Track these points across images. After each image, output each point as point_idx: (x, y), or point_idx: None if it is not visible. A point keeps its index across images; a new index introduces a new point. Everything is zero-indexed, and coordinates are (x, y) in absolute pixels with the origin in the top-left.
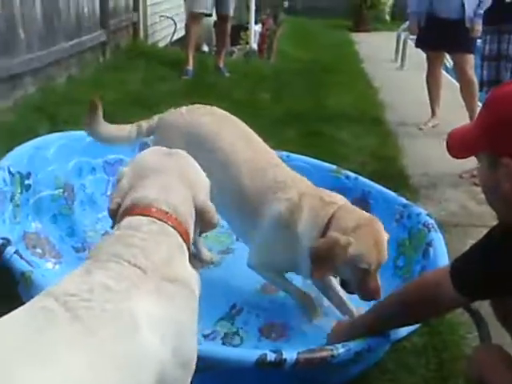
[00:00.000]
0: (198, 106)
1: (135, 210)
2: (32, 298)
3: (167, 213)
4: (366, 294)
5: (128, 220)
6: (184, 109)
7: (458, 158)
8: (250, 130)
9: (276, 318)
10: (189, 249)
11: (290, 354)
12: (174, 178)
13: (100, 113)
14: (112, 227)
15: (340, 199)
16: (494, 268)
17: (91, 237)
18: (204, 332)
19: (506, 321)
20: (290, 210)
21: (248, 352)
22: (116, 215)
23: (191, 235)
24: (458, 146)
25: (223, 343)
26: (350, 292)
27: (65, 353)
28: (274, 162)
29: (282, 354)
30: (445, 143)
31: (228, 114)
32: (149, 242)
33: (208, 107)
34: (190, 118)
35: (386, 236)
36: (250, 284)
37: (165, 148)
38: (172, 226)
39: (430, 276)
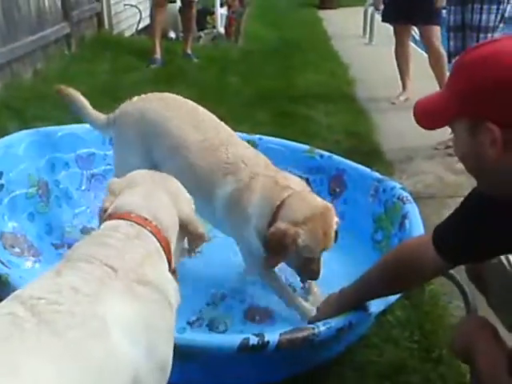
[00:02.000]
0: (153, 93)
1: (116, 214)
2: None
3: (146, 219)
4: (307, 275)
5: (107, 223)
6: (136, 97)
7: (430, 129)
8: (205, 110)
9: (259, 302)
10: (169, 260)
11: (272, 336)
12: (159, 190)
13: (75, 96)
14: None
15: (298, 183)
16: (474, 231)
17: (69, 232)
18: (189, 319)
19: (478, 281)
20: (238, 191)
21: (230, 337)
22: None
23: (172, 244)
24: (430, 116)
25: (209, 330)
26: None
27: (32, 362)
28: (228, 141)
29: (264, 337)
30: (412, 115)
31: (180, 97)
32: (124, 243)
33: (160, 94)
34: (140, 105)
35: (335, 224)
36: (232, 270)
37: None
38: (150, 232)
39: (411, 243)
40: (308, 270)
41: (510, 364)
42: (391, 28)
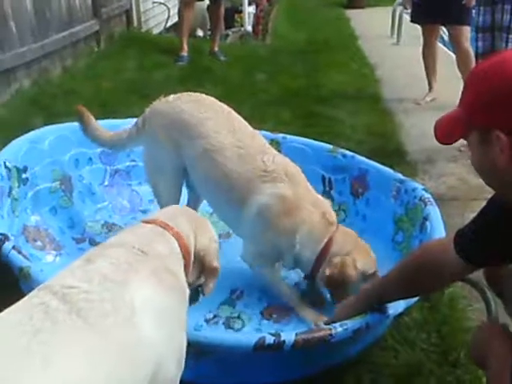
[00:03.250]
0: (188, 93)
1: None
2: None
3: (168, 224)
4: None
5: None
6: (171, 96)
7: (446, 143)
8: (238, 116)
9: (277, 300)
10: (187, 270)
11: (288, 336)
12: (184, 216)
13: (89, 118)
14: None
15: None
16: (495, 235)
17: (91, 227)
18: (206, 317)
19: (496, 287)
20: (280, 204)
21: (246, 336)
22: None
23: (191, 257)
24: (445, 131)
25: (225, 327)
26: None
27: (64, 354)
28: (263, 148)
29: (280, 336)
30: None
31: (215, 100)
32: (153, 235)
33: (195, 94)
34: (174, 104)
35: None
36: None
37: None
38: (172, 236)
39: (431, 246)
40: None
41: None
42: (419, 28)
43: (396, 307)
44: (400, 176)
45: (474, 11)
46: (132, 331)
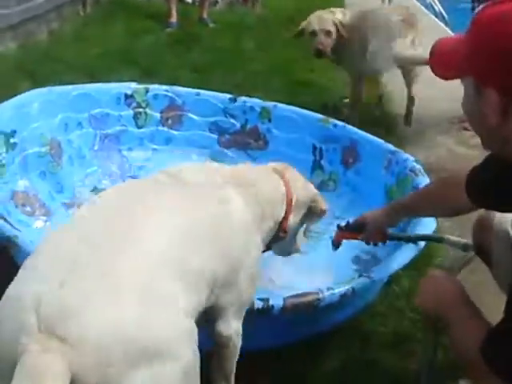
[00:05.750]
0: None
1: None
2: (22, 262)
3: (283, 173)
4: None
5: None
6: None
7: (442, 78)
8: None
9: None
10: (287, 210)
11: (276, 301)
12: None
13: None
14: None
15: None
16: (497, 180)
17: (80, 192)
18: None
19: (484, 252)
20: None
21: None
22: None
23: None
24: (444, 63)
25: None
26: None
27: (163, 212)
28: None
29: (268, 301)
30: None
31: None
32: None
33: None
34: None
35: None
36: None
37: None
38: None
39: (451, 179)
40: None
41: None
42: None
43: (381, 273)
44: (391, 147)
45: None
46: (226, 216)
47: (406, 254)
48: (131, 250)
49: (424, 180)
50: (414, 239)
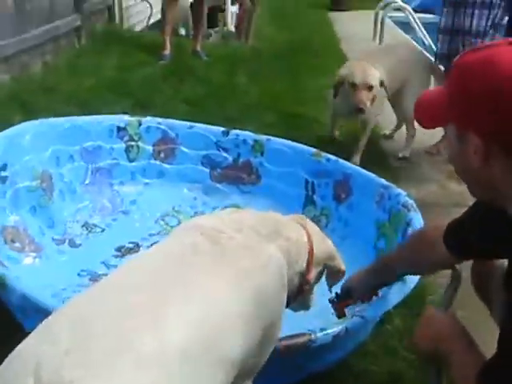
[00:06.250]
0: None
1: None
2: (7, 299)
3: (305, 224)
4: None
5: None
6: None
7: (427, 127)
8: None
9: None
10: (309, 262)
11: None
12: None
13: None
14: None
15: None
16: (477, 228)
17: (71, 228)
18: None
19: (484, 292)
20: None
21: None
22: None
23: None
24: (427, 114)
25: None
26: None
27: (203, 278)
28: None
29: None
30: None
31: None
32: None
33: None
34: None
35: None
36: None
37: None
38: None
39: (428, 233)
40: None
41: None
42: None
43: (374, 312)
44: (384, 182)
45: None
46: (267, 277)
47: (398, 292)
48: (154, 333)
49: (416, 216)
50: None
